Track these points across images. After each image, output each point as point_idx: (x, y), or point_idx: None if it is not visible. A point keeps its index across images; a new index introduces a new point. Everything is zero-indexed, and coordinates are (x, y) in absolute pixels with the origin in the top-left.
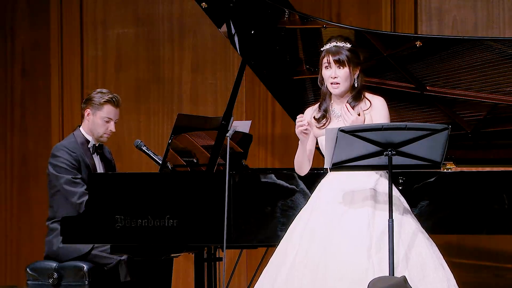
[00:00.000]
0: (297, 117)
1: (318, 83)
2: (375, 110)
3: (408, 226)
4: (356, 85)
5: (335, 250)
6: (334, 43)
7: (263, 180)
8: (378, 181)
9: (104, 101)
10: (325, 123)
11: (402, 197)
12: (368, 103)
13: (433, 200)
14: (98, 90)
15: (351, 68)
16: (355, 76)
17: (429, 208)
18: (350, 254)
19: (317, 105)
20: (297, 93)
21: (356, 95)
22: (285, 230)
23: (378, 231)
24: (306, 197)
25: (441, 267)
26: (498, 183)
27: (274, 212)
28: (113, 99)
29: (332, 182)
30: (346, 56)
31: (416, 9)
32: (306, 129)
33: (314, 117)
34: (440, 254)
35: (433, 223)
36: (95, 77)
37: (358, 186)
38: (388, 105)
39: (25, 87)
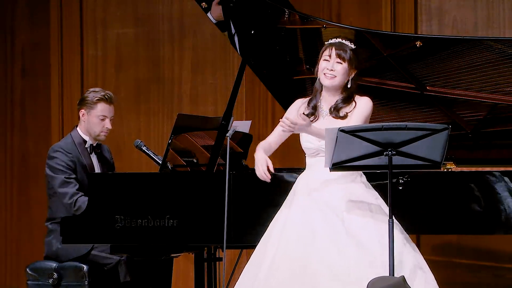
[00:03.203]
0: (286, 119)
1: (315, 74)
2: (356, 108)
3: (383, 224)
4: (348, 86)
5: (313, 247)
6: (339, 40)
7: (263, 180)
8: (354, 180)
9: (97, 99)
10: (312, 120)
11: (376, 193)
12: (353, 104)
13: (433, 200)
14: (91, 89)
15: (349, 67)
16: (350, 77)
17: (429, 208)
18: (328, 251)
19: (307, 99)
20: (297, 93)
21: (346, 97)
22: None
23: (355, 228)
24: None
25: (420, 269)
26: (498, 183)
27: (273, 212)
28: (106, 96)
29: (308, 181)
30: (349, 54)
31: (416, 9)
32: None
33: (303, 113)
34: (420, 255)
35: (433, 223)
36: (95, 77)
37: (334, 184)
38: (388, 105)
39: (25, 87)
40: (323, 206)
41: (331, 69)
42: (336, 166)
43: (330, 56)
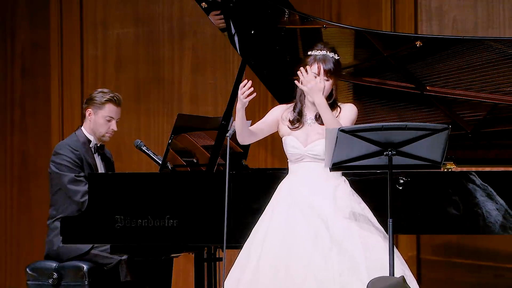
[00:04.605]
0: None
1: (296, 86)
2: (342, 113)
3: (367, 230)
4: (333, 94)
5: (295, 252)
6: (324, 52)
7: (263, 180)
8: (338, 185)
9: (105, 100)
10: (297, 126)
11: (360, 198)
12: (338, 109)
13: (433, 200)
14: (99, 89)
15: (334, 80)
16: (334, 87)
17: (429, 208)
18: (311, 256)
19: (289, 105)
20: None
21: (331, 104)
22: None
23: (338, 234)
24: None
25: (402, 273)
26: (497, 183)
27: None
28: (115, 98)
29: (292, 184)
30: (335, 67)
31: (416, 9)
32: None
33: (289, 119)
34: (403, 260)
35: (432, 223)
36: (95, 77)
37: (317, 189)
38: (388, 105)
39: (25, 87)
40: (307, 211)
41: None
42: (336, 166)
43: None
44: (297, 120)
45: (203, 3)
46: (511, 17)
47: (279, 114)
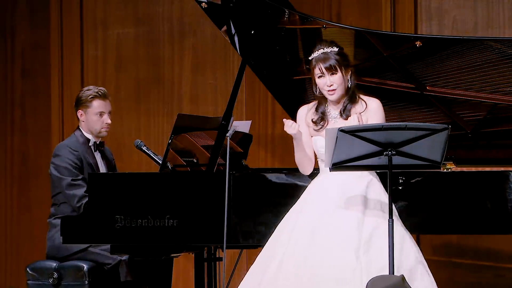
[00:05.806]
0: (284, 120)
1: (314, 91)
2: (371, 112)
3: (396, 230)
4: (349, 85)
5: (323, 250)
6: (321, 50)
7: (263, 180)
8: (369, 183)
9: (91, 98)
10: (323, 125)
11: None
12: (364, 104)
13: (433, 200)
14: (84, 88)
15: (343, 71)
16: (348, 78)
17: (429, 208)
18: (339, 254)
19: (312, 104)
20: (297, 93)
21: (351, 96)
22: None
23: (366, 233)
24: None
25: (427, 274)
26: (497, 183)
27: (273, 212)
28: (99, 92)
29: (323, 183)
30: (336, 60)
31: (416, 9)
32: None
33: (312, 120)
34: (425, 261)
35: (433, 223)
36: (95, 77)
37: (348, 188)
38: (388, 105)
39: (25, 87)
40: (337, 211)
41: (330, 84)
42: (336, 166)
43: (322, 72)
44: (321, 119)
45: (203, 3)
46: (511, 17)
47: (304, 118)
